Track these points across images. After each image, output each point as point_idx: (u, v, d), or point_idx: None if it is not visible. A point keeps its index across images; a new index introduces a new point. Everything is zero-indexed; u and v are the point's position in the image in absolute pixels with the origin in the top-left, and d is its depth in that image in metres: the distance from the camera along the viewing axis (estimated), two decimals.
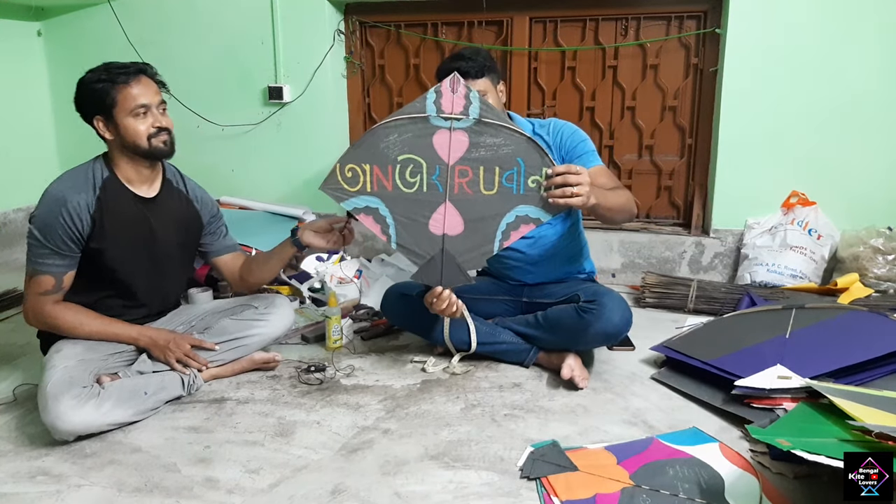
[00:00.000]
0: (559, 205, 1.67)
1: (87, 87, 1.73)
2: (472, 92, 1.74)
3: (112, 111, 1.71)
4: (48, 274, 1.71)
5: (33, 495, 1.44)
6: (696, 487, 1.39)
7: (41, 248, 1.70)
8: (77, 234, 1.70)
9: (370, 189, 1.82)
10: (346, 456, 1.57)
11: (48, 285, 1.72)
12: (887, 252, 2.51)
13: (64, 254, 1.71)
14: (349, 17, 3.12)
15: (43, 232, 1.68)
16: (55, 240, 1.69)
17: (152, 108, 1.74)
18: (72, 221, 1.68)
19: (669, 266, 2.86)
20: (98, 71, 1.74)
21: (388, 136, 1.78)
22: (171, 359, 1.82)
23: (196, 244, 2.00)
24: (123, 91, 1.71)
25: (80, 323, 1.77)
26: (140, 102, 1.72)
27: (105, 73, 1.72)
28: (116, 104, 1.71)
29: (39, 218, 1.69)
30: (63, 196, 1.69)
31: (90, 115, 1.74)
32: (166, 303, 2.00)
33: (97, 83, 1.71)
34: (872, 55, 2.53)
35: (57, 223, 1.68)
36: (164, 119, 1.77)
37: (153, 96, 1.75)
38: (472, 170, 1.77)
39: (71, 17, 3.31)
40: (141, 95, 1.72)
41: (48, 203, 1.70)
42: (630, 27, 2.85)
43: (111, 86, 1.70)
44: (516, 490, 1.42)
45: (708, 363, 1.85)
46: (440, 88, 1.74)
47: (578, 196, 1.63)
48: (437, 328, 2.03)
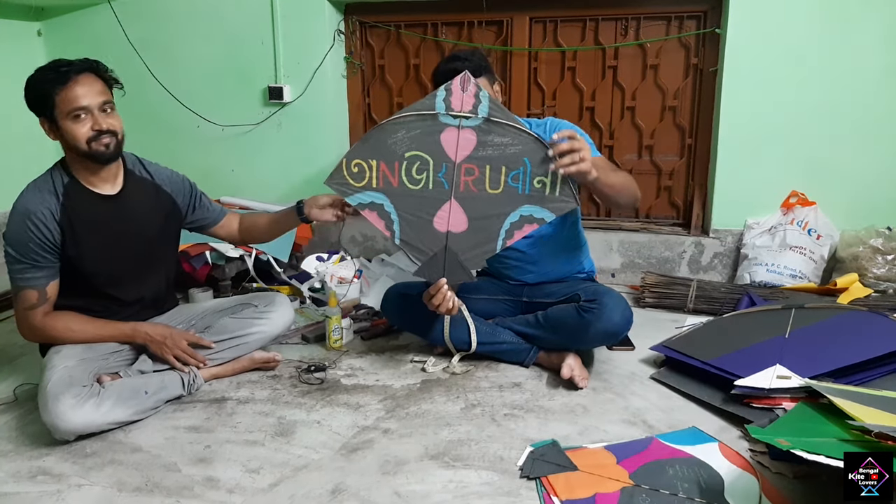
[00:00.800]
0: (570, 172, 1.65)
1: (31, 88, 1.65)
2: (481, 91, 1.74)
3: (53, 113, 1.64)
4: (30, 288, 1.69)
5: (34, 495, 1.44)
6: (695, 487, 1.39)
7: (18, 263, 1.67)
8: (49, 244, 1.67)
9: (376, 185, 1.82)
10: (346, 455, 1.57)
11: (32, 299, 1.70)
12: (887, 252, 2.51)
13: (41, 265, 1.68)
14: (349, 18, 3.12)
15: (16, 248, 1.66)
16: (30, 253, 1.66)
17: (93, 110, 1.64)
18: (40, 233, 1.65)
19: (669, 266, 2.87)
20: (45, 70, 1.65)
21: (396, 132, 1.79)
22: (168, 355, 1.81)
23: (178, 227, 1.96)
24: (62, 93, 1.62)
25: (73, 330, 1.75)
26: (78, 105, 1.62)
27: (51, 71, 1.63)
28: (56, 106, 1.63)
29: (10, 235, 1.66)
30: (26, 209, 1.66)
31: (37, 115, 1.68)
32: (159, 293, 1.95)
33: (42, 83, 1.63)
34: (872, 55, 2.53)
35: (27, 237, 1.65)
36: (107, 121, 1.67)
37: (95, 97, 1.65)
38: (479, 168, 1.78)
39: (71, 17, 3.32)
40: (81, 97, 1.62)
41: (15, 219, 1.66)
42: (630, 27, 2.85)
43: (52, 87, 1.62)
44: (516, 490, 1.42)
45: (707, 363, 1.85)
46: (450, 86, 1.75)
47: (585, 161, 1.63)
48: (437, 328, 2.03)
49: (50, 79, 1.63)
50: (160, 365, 1.83)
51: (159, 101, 3.19)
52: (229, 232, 2.07)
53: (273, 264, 2.78)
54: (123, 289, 1.84)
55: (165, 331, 1.84)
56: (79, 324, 1.77)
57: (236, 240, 2.10)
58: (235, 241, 2.11)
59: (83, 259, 1.73)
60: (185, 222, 1.98)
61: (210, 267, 2.65)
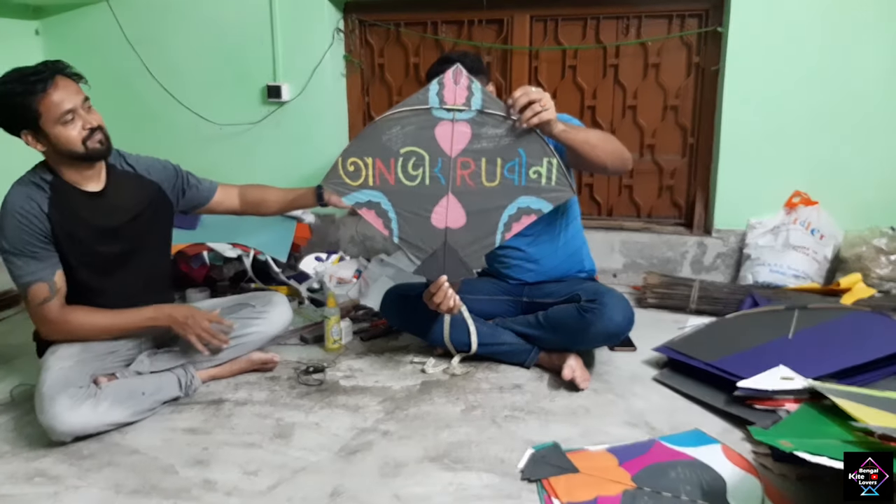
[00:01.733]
0: (532, 124, 1.67)
1: (3, 103, 1.60)
2: (474, 83, 1.73)
3: (37, 123, 1.60)
4: (38, 281, 1.67)
5: (31, 496, 1.43)
6: (698, 489, 1.38)
7: (19, 259, 1.66)
8: (42, 234, 1.66)
9: (372, 183, 1.81)
10: (345, 458, 1.56)
11: (44, 292, 1.68)
12: (890, 252, 2.49)
13: (41, 257, 1.67)
14: (348, 16, 3.10)
15: (12, 243, 1.64)
16: (27, 246, 1.65)
17: (78, 110, 1.63)
18: (31, 224, 1.64)
19: (671, 266, 2.85)
20: (10, 82, 1.59)
21: (390, 128, 1.78)
22: (191, 335, 1.79)
23: (168, 215, 1.94)
24: (44, 100, 1.58)
25: (96, 321, 1.74)
26: (65, 108, 1.60)
27: (19, 83, 1.58)
28: (41, 115, 1.59)
29: (4, 232, 1.65)
30: (13, 204, 1.64)
31: (15, 130, 1.64)
32: (156, 285, 1.92)
33: (14, 97, 1.58)
34: (875, 53, 2.52)
35: (19, 230, 1.63)
36: (93, 117, 1.67)
37: (75, 97, 1.63)
38: (475, 161, 1.77)
39: (69, 16, 3.30)
40: (64, 101, 1.60)
41: (4, 216, 1.65)
42: (631, 26, 2.84)
43: (29, 97, 1.58)
44: (517, 492, 1.41)
45: (710, 364, 1.84)
46: (443, 80, 1.74)
47: (547, 110, 1.65)
48: (438, 329, 2.02)
49: (22, 91, 1.58)
50: (157, 366, 1.83)
51: (157, 100, 3.17)
52: (228, 206, 2.05)
53: (271, 264, 2.77)
54: (116, 283, 1.81)
55: (188, 311, 1.83)
56: (100, 314, 1.75)
57: (237, 212, 2.08)
58: (237, 212, 2.08)
59: (73, 253, 1.71)
60: (177, 207, 1.96)
61: (207, 267, 2.64)
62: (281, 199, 2.05)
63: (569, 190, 1.76)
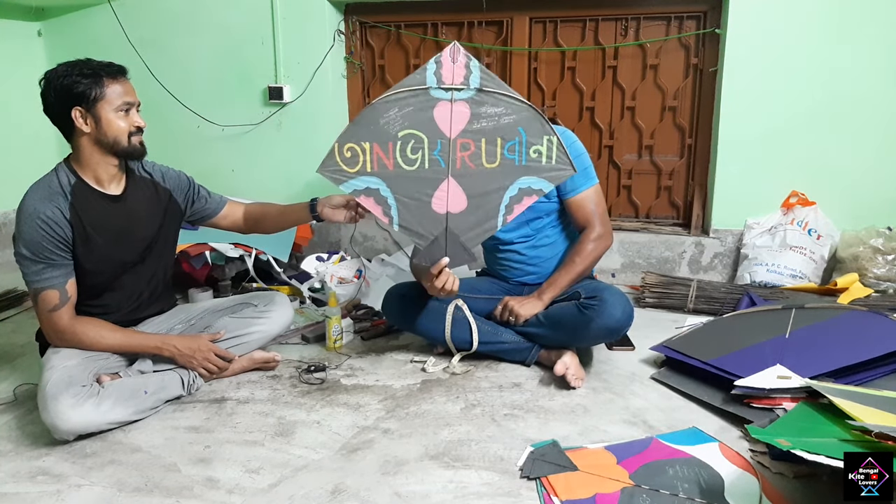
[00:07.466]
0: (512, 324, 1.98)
1: (67, 78, 1.65)
2: (472, 61, 1.72)
3: (95, 104, 1.67)
4: (50, 288, 1.68)
5: (34, 495, 1.44)
6: (695, 487, 1.39)
7: (34, 264, 1.67)
8: (62, 242, 1.68)
9: (370, 169, 1.77)
10: (346, 456, 1.57)
11: (54, 299, 1.69)
12: (887, 252, 2.51)
13: (57, 264, 1.68)
14: (349, 18, 3.12)
15: (30, 248, 1.65)
16: (44, 252, 1.66)
17: (134, 108, 1.74)
18: (52, 231, 1.65)
19: (669, 266, 2.87)
20: (78, 65, 1.68)
21: (388, 111, 1.74)
22: (198, 368, 1.86)
23: (178, 223, 1.97)
24: (112, 86, 1.68)
25: (101, 336, 1.76)
26: (127, 99, 1.71)
27: (87, 67, 1.68)
28: (103, 97, 1.67)
29: (22, 236, 1.66)
30: (35, 209, 1.65)
31: (67, 106, 1.66)
32: (156, 290, 1.95)
33: (82, 76, 1.66)
34: (872, 54, 2.53)
35: (39, 236, 1.65)
36: (141, 120, 1.76)
37: (135, 96, 1.75)
38: (475, 142, 1.75)
39: (71, 18, 3.32)
40: (129, 93, 1.72)
41: (25, 220, 1.66)
42: (630, 27, 2.85)
43: (98, 79, 1.67)
44: (516, 490, 1.42)
45: (708, 363, 1.85)
46: (440, 59, 1.72)
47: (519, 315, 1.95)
48: (438, 328, 2.03)
49: (97, 72, 1.67)
50: (160, 365, 1.84)
51: (159, 102, 3.18)
52: (233, 221, 2.06)
53: (273, 264, 2.78)
54: (123, 287, 1.84)
55: (193, 343, 1.86)
56: (109, 332, 1.78)
57: (241, 229, 2.08)
58: (241, 230, 2.08)
59: (87, 257, 1.73)
60: (185, 217, 1.98)
61: (210, 267, 2.65)
62: (278, 212, 2.03)
63: (569, 168, 1.75)
